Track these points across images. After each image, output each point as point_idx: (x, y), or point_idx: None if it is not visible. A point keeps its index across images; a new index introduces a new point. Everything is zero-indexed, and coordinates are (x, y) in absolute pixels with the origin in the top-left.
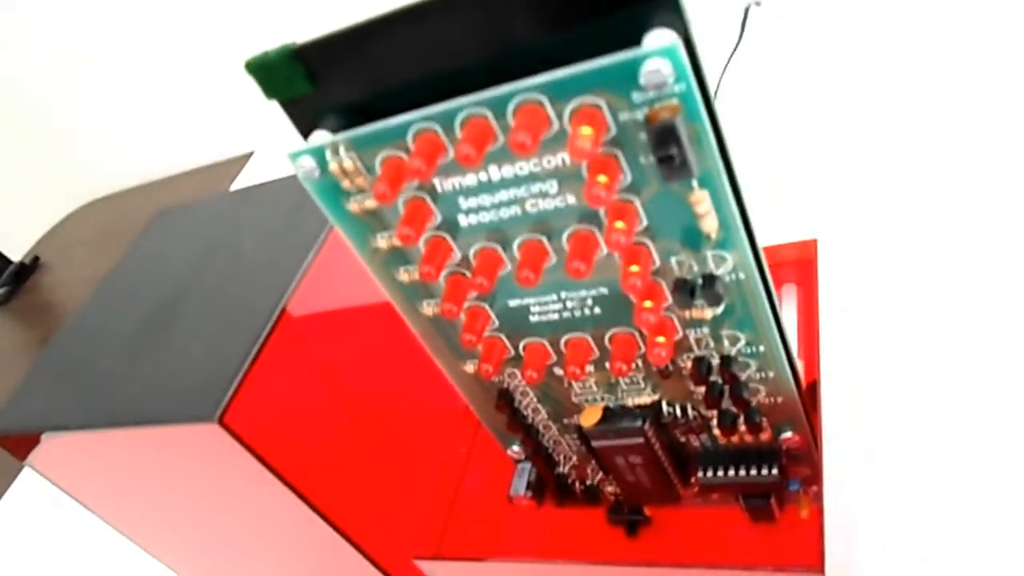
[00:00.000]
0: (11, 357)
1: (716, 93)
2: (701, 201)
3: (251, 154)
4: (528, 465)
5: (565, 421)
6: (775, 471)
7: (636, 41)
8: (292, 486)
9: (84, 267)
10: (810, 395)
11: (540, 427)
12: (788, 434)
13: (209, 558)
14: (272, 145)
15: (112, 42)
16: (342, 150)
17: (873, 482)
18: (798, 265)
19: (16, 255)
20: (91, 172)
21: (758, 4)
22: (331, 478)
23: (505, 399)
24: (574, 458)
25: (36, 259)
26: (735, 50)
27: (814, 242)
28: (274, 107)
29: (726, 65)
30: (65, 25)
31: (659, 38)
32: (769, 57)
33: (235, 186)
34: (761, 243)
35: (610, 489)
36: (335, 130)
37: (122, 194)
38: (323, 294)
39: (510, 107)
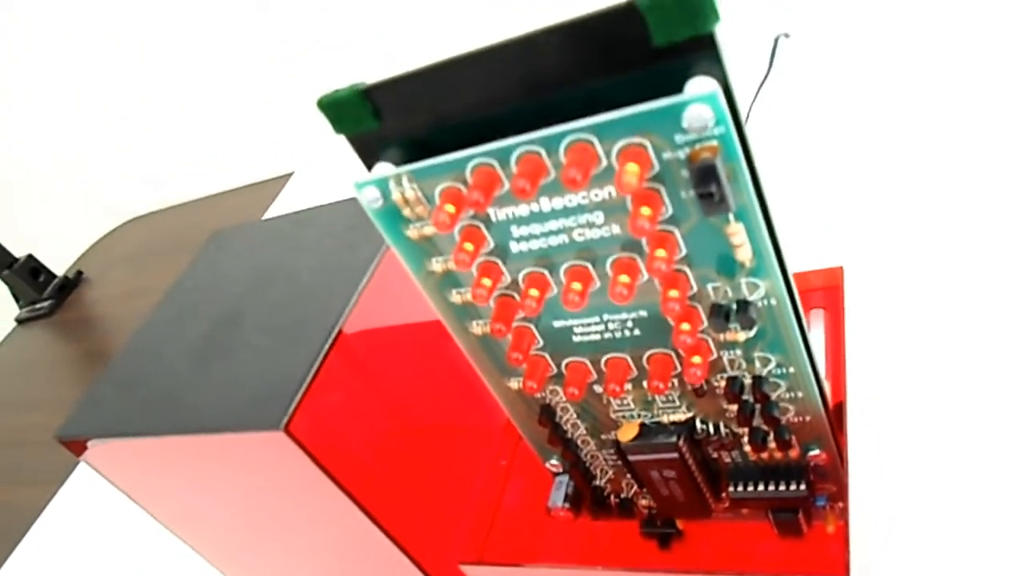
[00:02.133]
0: (57, 367)
1: (747, 120)
2: (737, 233)
3: (291, 174)
4: (566, 478)
5: (603, 436)
6: (803, 487)
7: (678, 87)
8: (350, 493)
9: (125, 283)
10: (837, 415)
11: (579, 442)
12: (815, 452)
13: (258, 561)
14: (312, 166)
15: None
16: (405, 181)
17: (897, 499)
18: (826, 292)
19: (60, 269)
20: (133, 191)
21: (787, 36)
22: (384, 486)
23: (547, 415)
24: (610, 472)
25: (79, 273)
26: (765, 79)
27: (840, 269)
28: (314, 130)
29: (756, 94)
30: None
31: (701, 85)
32: (798, 87)
33: (276, 205)
34: (791, 270)
35: (644, 503)
36: (397, 163)
37: (163, 212)
38: (376, 314)
39: (562, 145)
